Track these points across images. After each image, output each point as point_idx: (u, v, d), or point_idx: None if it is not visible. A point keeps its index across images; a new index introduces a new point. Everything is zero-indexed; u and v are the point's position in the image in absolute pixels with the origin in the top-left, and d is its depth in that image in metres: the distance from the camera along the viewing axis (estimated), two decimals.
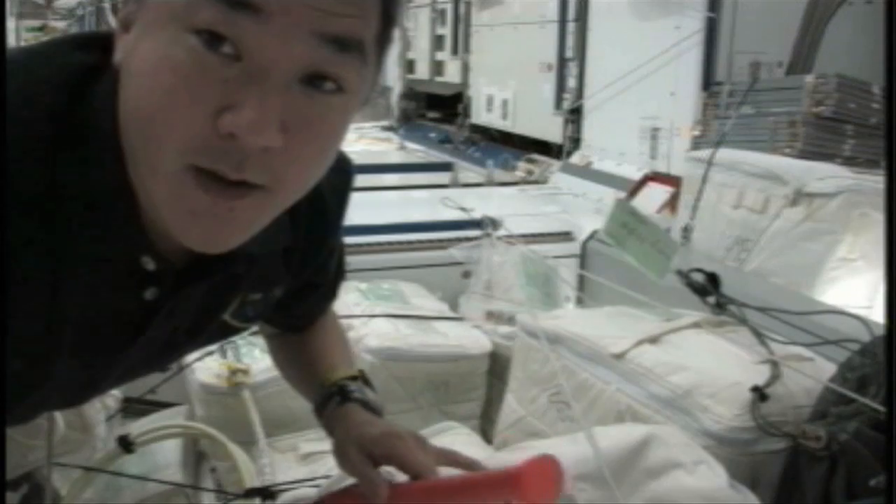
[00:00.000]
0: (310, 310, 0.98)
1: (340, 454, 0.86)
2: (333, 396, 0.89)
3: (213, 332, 0.80)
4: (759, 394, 1.20)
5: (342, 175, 0.83)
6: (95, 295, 0.63)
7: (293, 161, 0.57)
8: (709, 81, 2.47)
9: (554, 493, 0.64)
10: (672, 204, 2.43)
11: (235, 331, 0.84)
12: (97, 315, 0.64)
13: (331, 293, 0.99)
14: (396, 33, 0.63)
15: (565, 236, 2.31)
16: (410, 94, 5.00)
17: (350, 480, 0.85)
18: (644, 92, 2.69)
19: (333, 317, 1.04)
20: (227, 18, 0.52)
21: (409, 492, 0.79)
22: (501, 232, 2.15)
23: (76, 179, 0.58)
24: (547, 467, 0.64)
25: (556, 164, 3.19)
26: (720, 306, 1.50)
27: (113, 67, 0.59)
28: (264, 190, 0.57)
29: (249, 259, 0.69)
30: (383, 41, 0.60)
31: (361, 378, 0.93)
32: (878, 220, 1.77)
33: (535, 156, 3.40)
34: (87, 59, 0.62)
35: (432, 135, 4.54)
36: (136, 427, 1.40)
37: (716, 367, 1.29)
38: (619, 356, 1.37)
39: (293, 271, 0.83)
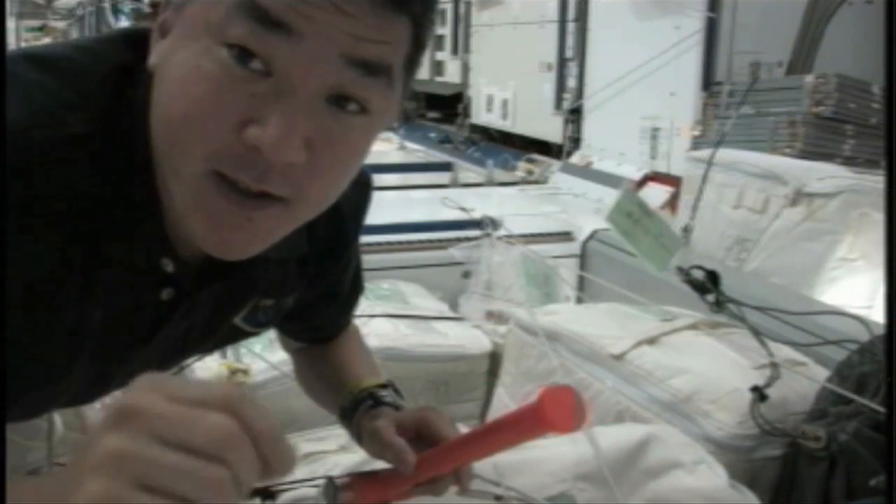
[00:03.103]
0: (327, 322, 0.98)
1: (369, 435, 0.84)
2: (364, 401, 0.88)
3: (224, 335, 0.81)
4: (759, 394, 1.20)
5: (361, 189, 0.83)
6: (116, 293, 0.64)
7: (315, 177, 0.58)
8: (709, 81, 2.47)
9: (576, 420, 0.62)
10: (672, 204, 2.43)
11: (245, 335, 0.84)
12: (116, 313, 0.65)
13: (348, 306, 0.99)
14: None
15: (565, 236, 2.30)
16: (410, 94, 4.99)
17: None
18: (644, 92, 2.69)
19: (356, 331, 1.04)
20: (260, 36, 0.53)
21: (433, 457, 0.77)
22: (501, 232, 2.15)
23: (108, 178, 0.59)
24: (563, 396, 0.63)
25: (556, 164, 3.19)
26: (719, 305, 1.50)
27: (147, 70, 0.60)
28: (284, 203, 0.58)
29: (264, 265, 0.70)
30: (411, 65, 0.61)
31: (392, 386, 0.93)
32: (878, 220, 1.77)
33: (535, 156, 3.40)
34: (131, 58, 0.63)
35: (432, 135, 4.54)
36: None
37: (716, 371, 1.29)
38: (619, 357, 1.37)
39: (308, 281, 0.83)
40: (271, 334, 1.60)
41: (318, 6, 0.53)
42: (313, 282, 0.84)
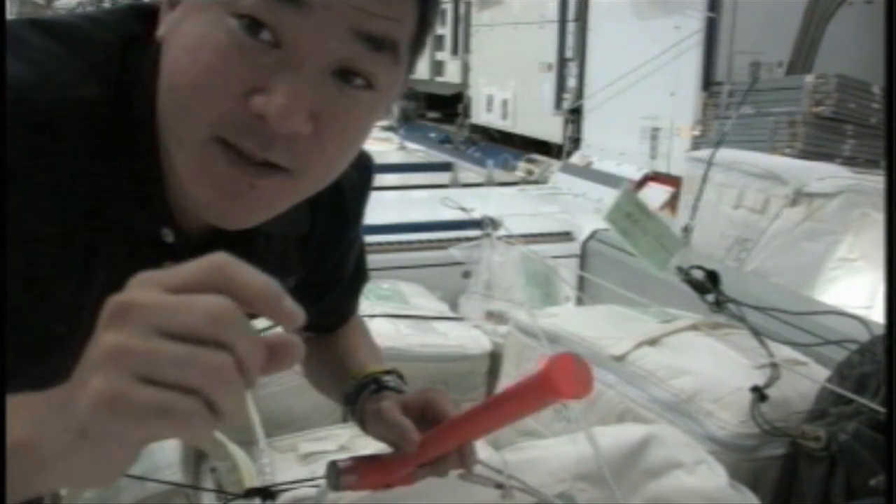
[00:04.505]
0: (331, 309, 0.97)
1: (373, 416, 0.83)
2: (368, 385, 0.88)
3: None
4: (759, 394, 1.20)
5: (363, 172, 0.83)
6: (116, 263, 0.63)
7: (318, 149, 0.58)
8: (709, 81, 2.47)
9: (585, 385, 0.62)
10: (672, 204, 2.43)
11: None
12: (115, 284, 0.65)
13: (352, 293, 0.99)
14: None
15: (565, 236, 2.30)
16: (410, 94, 5.00)
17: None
18: (644, 92, 2.69)
19: (361, 321, 1.04)
20: (270, 7, 0.54)
21: (437, 435, 0.77)
22: (501, 232, 2.15)
23: (111, 144, 0.60)
24: (568, 362, 0.62)
25: (556, 164, 3.19)
26: (719, 304, 1.50)
27: (155, 41, 0.60)
28: (287, 173, 0.58)
29: (266, 241, 0.70)
30: (417, 44, 0.62)
31: (396, 373, 0.93)
32: (878, 220, 1.77)
33: (535, 156, 3.40)
34: (138, 30, 0.63)
35: (432, 135, 4.54)
36: None
37: (718, 371, 1.29)
38: (620, 358, 1.37)
39: (310, 263, 0.83)
40: None
41: None
42: (315, 264, 0.84)
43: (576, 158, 3.10)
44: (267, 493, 1.12)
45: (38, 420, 0.45)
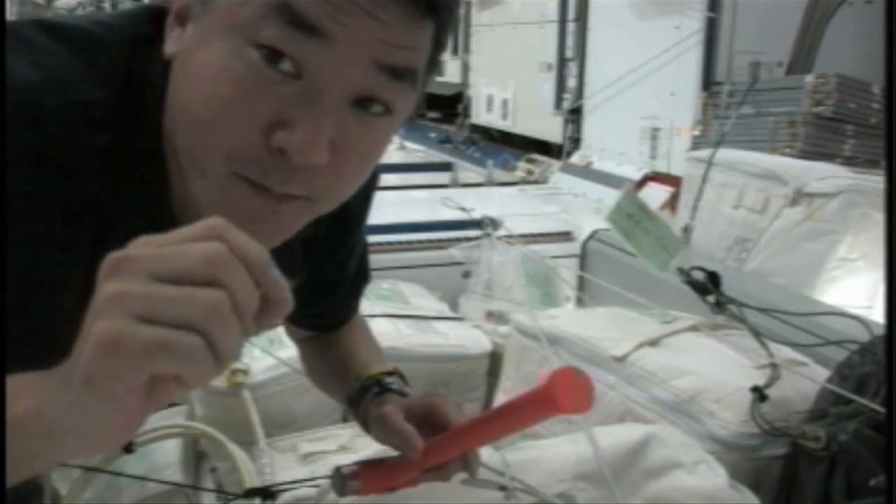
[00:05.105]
0: (333, 308, 0.98)
1: (376, 421, 0.83)
2: (371, 388, 0.88)
3: None
4: (759, 394, 1.20)
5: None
6: None
7: (336, 176, 0.59)
8: (709, 81, 2.47)
9: (586, 400, 0.63)
10: (672, 204, 2.43)
11: None
12: None
13: (353, 293, 0.99)
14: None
15: (565, 236, 2.30)
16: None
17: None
18: (644, 92, 2.69)
19: (363, 320, 1.04)
20: (291, 38, 0.53)
21: (441, 442, 0.78)
22: (501, 232, 2.15)
23: (116, 149, 0.59)
24: (571, 377, 0.63)
25: (556, 164, 3.19)
26: (720, 306, 1.50)
27: (163, 55, 0.60)
28: (305, 199, 0.59)
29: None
30: (431, 66, 0.62)
31: (398, 373, 0.93)
32: (878, 220, 1.77)
33: (535, 156, 3.40)
34: (147, 31, 0.63)
35: (432, 135, 4.54)
36: None
37: (719, 371, 1.29)
38: (621, 359, 1.37)
39: (313, 264, 0.83)
40: (271, 334, 1.60)
41: (352, 12, 0.53)
42: (318, 264, 0.84)
43: (576, 158, 3.10)
44: (267, 493, 1.12)
45: (41, 389, 0.46)
